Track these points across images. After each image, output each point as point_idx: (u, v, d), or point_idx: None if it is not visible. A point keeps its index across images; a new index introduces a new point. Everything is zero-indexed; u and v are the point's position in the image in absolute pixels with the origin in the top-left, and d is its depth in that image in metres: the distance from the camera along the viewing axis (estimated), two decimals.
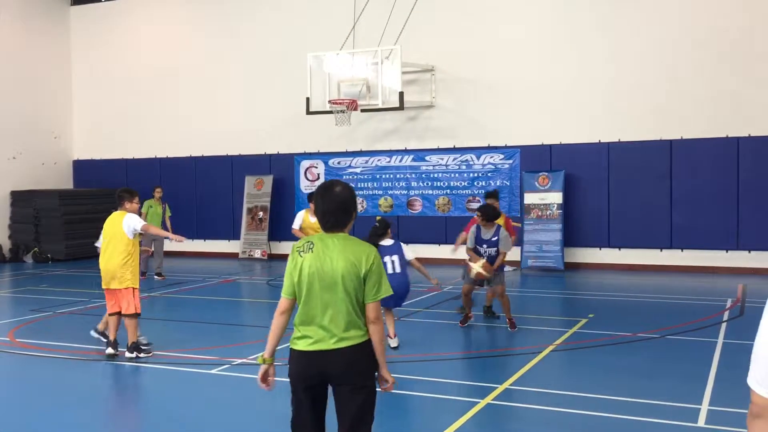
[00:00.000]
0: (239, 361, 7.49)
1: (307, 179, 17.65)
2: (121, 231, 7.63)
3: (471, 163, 16.20)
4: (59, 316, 10.41)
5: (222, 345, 8.36)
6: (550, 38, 15.49)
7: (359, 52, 15.01)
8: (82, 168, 20.32)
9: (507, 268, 15.33)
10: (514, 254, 15.62)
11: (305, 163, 17.67)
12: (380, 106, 14.75)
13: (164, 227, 13.89)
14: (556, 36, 15.45)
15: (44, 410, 6.03)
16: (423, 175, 16.63)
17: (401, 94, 14.53)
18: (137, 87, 19.47)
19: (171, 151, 19.12)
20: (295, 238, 10.20)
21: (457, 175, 16.33)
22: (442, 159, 16.43)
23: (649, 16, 14.75)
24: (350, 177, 17.17)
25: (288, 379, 3.68)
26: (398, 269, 7.85)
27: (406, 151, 16.76)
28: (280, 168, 17.94)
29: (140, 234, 7.83)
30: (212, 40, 18.67)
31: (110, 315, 7.73)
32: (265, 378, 3.81)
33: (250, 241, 17.98)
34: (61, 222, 17.66)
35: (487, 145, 16.10)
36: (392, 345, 7.80)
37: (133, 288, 7.58)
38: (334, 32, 16.17)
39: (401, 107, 14.76)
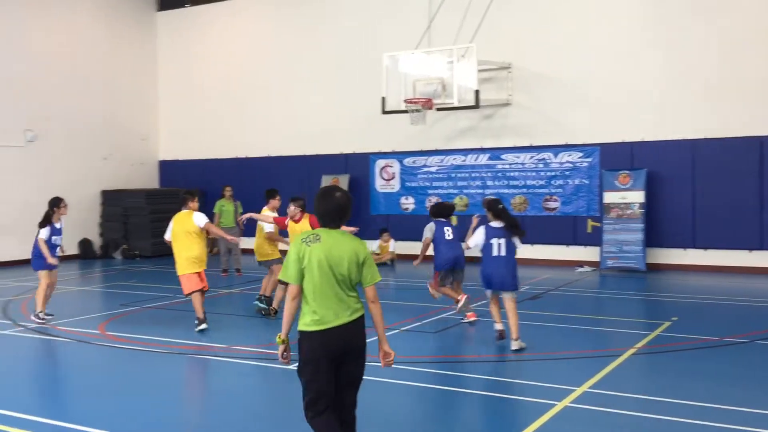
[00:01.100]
0: None
1: (383, 178, 17.77)
2: (194, 226, 9.11)
3: (548, 161, 15.93)
4: (146, 311, 10.85)
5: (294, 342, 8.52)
6: (634, 32, 15.06)
7: (435, 51, 15.00)
8: (168, 168, 21.10)
9: (585, 269, 15.08)
10: (593, 254, 15.32)
11: (380, 163, 17.79)
12: (456, 104, 14.70)
13: (236, 224, 14.34)
14: (641, 30, 15.01)
15: (129, 401, 6.31)
16: (499, 174, 16.46)
17: (477, 93, 14.44)
18: (218, 89, 20.06)
19: (251, 151, 19.62)
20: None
21: (533, 173, 16.10)
22: (519, 157, 16.22)
23: (744, 6, 14.14)
24: (425, 176, 17.18)
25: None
26: (503, 252, 8.00)
27: (482, 150, 16.63)
28: (356, 167, 18.12)
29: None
30: (290, 42, 19.03)
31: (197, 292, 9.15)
32: (284, 355, 4.39)
33: None
34: (147, 220, 18.39)
35: (564, 143, 15.80)
36: (513, 347, 7.80)
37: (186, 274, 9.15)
38: (410, 32, 16.22)
39: (477, 105, 14.67)
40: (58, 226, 9.80)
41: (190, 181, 20.04)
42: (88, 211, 18.74)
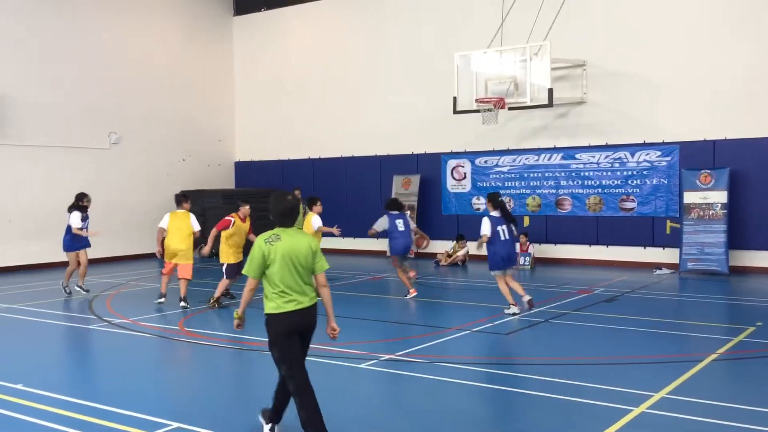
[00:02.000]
0: (387, 356, 7.67)
1: (454, 178, 17.69)
2: (189, 227, 11.45)
3: (625, 160, 15.52)
4: (222, 308, 11.14)
5: (371, 340, 8.60)
6: (716, 26, 14.51)
7: (507, 50, 14.84)
8: (243, 169, 21.62)
9: (663, 271, 14.61)
10: (672, 256, 14.84)
11: (452, 163, 17.72)
12: (528, 103, 14.51)
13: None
14: (723, 24, 14.45)
15: (205, 395, 6.50)
16: (573, 174, 16.14)
17: (550, 91, 14.20)
18: (292, 91, 20.42)
19: (323, 152, 19.88)
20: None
21: (609, 173, 15.71)
22: (594, 157, 15.87)
23: None
24: (497, 176, 17.02)
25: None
26: (508, 237, 10.01)
27: (556, 149, 16.35)
28: (427, 167, 18.11)
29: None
30: (362, 43, 19.19)
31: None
32: (238, 326, 5.41)
33: None
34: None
35: (642, 142, 15.36)
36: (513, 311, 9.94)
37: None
38: (482, 30, 16.10)
39: (550, 104, 14.42)
40: (86, 214, 12.44)
41: (264, 181, 20.50)
42: (168, 211, 19.32)
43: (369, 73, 19.03)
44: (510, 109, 15.22)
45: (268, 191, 19.76)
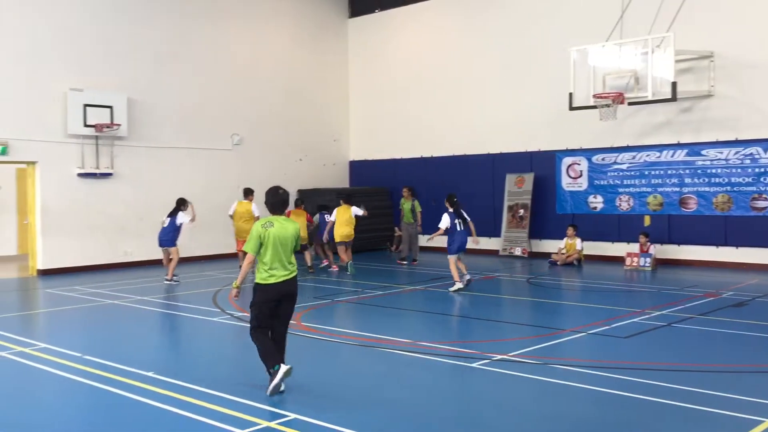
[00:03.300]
0: (499, 356, 7.60)
1: (570, 176, 17.24)
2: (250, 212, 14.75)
3: (756, 156, 14.57)
4: (336, 304, 11.42)
5: (483, 340, 8.54)
6: None
7: (627, 42, 14.30)
8: (358, 168, 22.02)
9: None
10: None
11: (567, 160, 17.27)
12: (650, 98, 13.90)
13: (414, 220, 16.81)
14: None
15: (321, 388, 6.69)
16: (698, 171, 15.32)
17: (674, 84, 13.56)
18: (404, 90, 20.59)
19: (436, 150, 19.91)
20: None
21: (739, 170, 14.80)
22: (722, 153, 14.99)
23: None
24: (615, 173, 16.43)
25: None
26: (462, 228, 12.55)
27: (679, 145, 15.58)
28: (541, 165, 17.75)
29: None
30: (474, 41, 19.07)
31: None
32: (236, 296, 6.88)
33: (510, 238, 18.06)
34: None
35: None
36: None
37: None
38: (599, 23, 15.60)
39: (674, 98, 13.76)
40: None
41: (377, 180, 20.79)
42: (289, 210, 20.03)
43: (482, 70, 18.87)
44: (630, 104, 14.65)
45: (382, 190, 20.08)
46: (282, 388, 6.34)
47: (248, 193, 15.14)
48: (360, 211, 15.35)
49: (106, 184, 16.43)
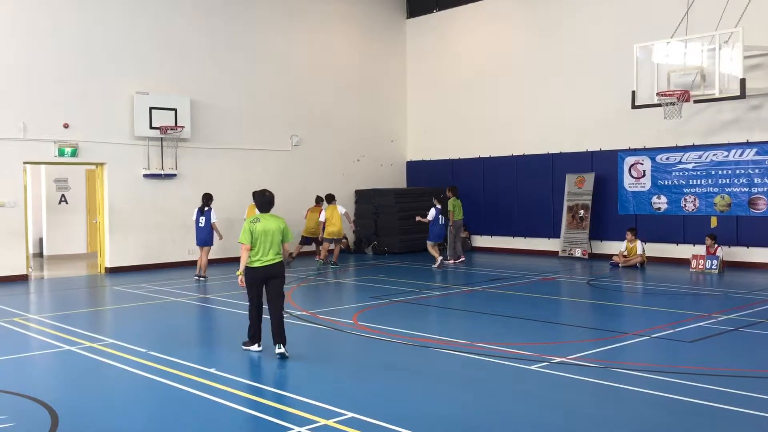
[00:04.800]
0: (558, 359, 7.49)
1: (632, 176, 16.85)
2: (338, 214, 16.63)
3: None
4: (394, 304, 11.45)
5: (541, 342, 8.43)
6: None
7: (693, 39, 13.90)
8: (414, 168, 22.03)
9: None
10: None
11: (629, 160, 16.89)
12: (717, 95, 13.48)
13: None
14: None
15: (376, 387, 6.72)
16: None
17: (743, 81, 13.11)
18: (463, 91, 20.49)
19: (493, 150, 19.76)
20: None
21: None
22: None
23: None
24: (680, 173, 15.99)
25: None
26: (442, 222, 16.06)
27: (748, 144, 15.05)
28: (603, 165, 17.40)
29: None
30: (532, 38, 18.83)
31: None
32: (241, 281, 8.01)
33: (570, 239, 17.77)
34: (396, 218, 19.36)
35: None
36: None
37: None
38: (663, 19, 15.22)
39: (742, 95, 13.31)
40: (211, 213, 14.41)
41: (434, 180, 20.75)
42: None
43: (541, 69, 18.62)
44: (696, 102, 14.23)
45: (439, 190, 20.03)
46: (281, 350, 7.70)
47: (331, 198, 16.80)
48: (343, 210, 16.99)
49: (170, 184, 16.88)
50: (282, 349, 7.66)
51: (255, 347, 8.03)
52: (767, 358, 7.69)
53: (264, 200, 8.11)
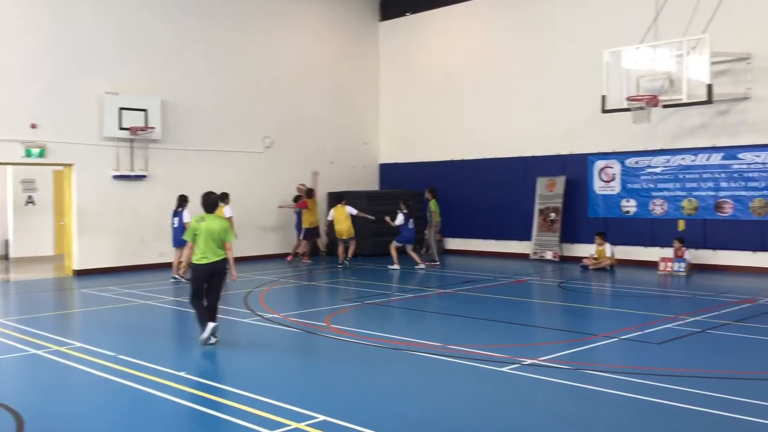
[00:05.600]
0: (530, 361, 7.54)
1: (602, 180, 17.05)
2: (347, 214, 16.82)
3: None
4: (367, 307, 11.43)
5: (513, 344, 8.49)
6: None
7: (662, 44, 14.12)
8: (387, 171, 22.04)
9: None
10: None
11: (599, 164, 17.09)
12: (685, 100, 13.70)
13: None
14: None
15: (348, 390, 6.70)
16: (735, 175, 15.05)
17: (710, 87, 13.35)
18: (434, 94, 20.56)
19: (466, 153, 19.85)
20: None
21: None
22: (759, 156, 14.71)
23: None
24: (649, 177, 16.22)
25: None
26: (412, 226, 16.39)
27: (715, 149, 15.32)
28: (574, 168, 17.58)
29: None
30: (505, 42, 18.97)
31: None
32: (184, 272, 10.13)
33: (541, 242, 17.92)
34: (369, 220, 19.29)
35: None
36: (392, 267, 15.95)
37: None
38: (633, 25, 15.44)
39: (709, 101, 13.55)
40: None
41: (408, 183, 20.78)
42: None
43: (513, 72, 18.77)
44: (664, 106, 14.45)
45: (413, 192, 20.06)
46: (213, 341, 8.38)
47: (341, 198, 17.18)
48: (354, 211, 16.94)
49: (141, 185, 16.68)
50: (212, 328, 8.36)
51: (209, 327, 8.42)
52: (733, 359, 7.83)
53: (208, 201, 8.67)
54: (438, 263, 16.93)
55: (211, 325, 8.37)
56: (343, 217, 16.72)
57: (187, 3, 17.68)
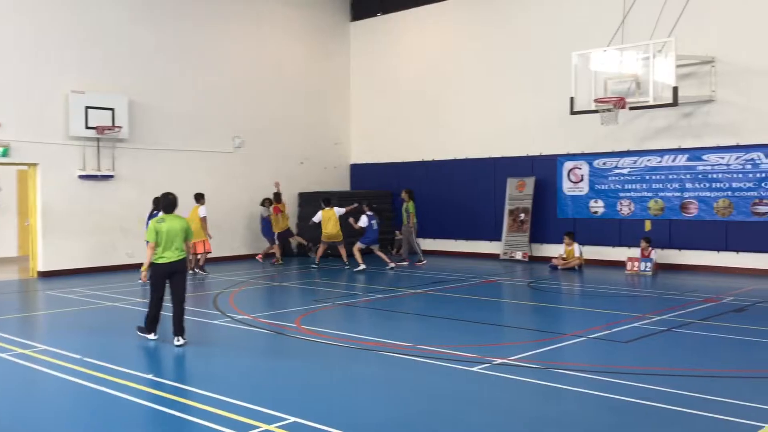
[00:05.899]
0: (499, 360, 7.59)
1: (571, 181, 17.24)
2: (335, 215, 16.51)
3: (758, 161, 14.58)
4: (338, 307, 11.41)
5: (483, 344, 8.53)
6: None
7: (629, 47, 14.31)
8: (358, 171, 22.03)
9: None
10: None
11: (568, 165, 17.28)
12: (651, 102, 13.91)
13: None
14: None
15: (320, 391, 6.68)
16: (699, 176, 15.33)
17: (675, 89, 13.57)
18: (405, 94, 20.61)
19: (437, 154, 19.93)
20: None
21: (740, 175, 14.81)
22: (723, 158, 15.01)
23: None
24: (616, 178, 16.44)
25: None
26: (376, 228, 16.32)
27: (680, 150, 15.59)
28: (543, 169, 17.75)
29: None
30: (475, 43, 19.09)
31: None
32: (145, 276, 8.97)
33: (511, 242, 18.06)
34: (340, 220, 19.24)
35: None
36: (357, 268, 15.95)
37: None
38: (601, 28, 15.62)
39: (675, 103, 13.77)
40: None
41: (379, 183, 20.79)
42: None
43: (483, 73, 18.89)
44: (631, 108, 14.67)
45: (384, 193, 20.06)
46: (181, 342, 8.45)
47: (329, 201, 16.87)
48: (342, 210, 16.81)
49: (108, 186, 16.44)
50: (181, 341, 8.43)
51: (151, 336, 8.74)
52: (699, 357, 7.97)
53: (167, 202, 8.81)
54: (408, 262, 17.07)
55: (178, 342, 8.45)
56: (332, 220, 16.44)
57: (156, 2, 17.47)
